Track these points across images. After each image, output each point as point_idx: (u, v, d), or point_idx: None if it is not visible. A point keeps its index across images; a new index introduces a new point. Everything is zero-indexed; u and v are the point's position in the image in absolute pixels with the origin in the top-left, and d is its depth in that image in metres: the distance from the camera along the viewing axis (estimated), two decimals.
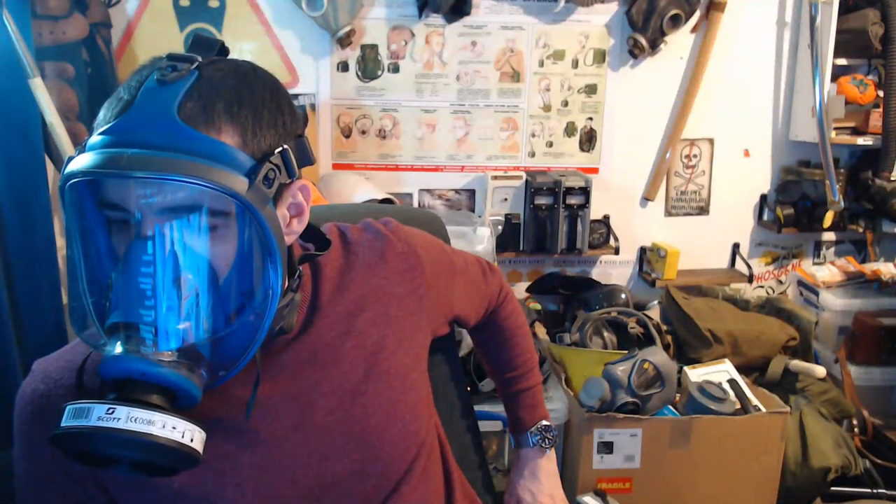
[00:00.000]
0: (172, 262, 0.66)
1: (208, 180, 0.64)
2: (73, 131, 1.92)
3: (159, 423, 0.62)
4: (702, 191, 2.56)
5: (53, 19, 1.87)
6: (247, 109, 0.70)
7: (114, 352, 0.64)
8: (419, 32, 2.31)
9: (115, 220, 0.69)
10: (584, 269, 2.56)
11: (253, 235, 0.69)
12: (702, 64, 2.39)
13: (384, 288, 0.90)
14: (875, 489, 2.04)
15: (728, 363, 2.08)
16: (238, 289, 0.71)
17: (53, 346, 0.82)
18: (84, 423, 0.61)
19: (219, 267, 0.69)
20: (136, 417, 0.61)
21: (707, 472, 1.88)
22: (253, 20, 2.23)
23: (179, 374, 0.65)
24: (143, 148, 0.63)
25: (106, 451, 0.63)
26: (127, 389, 0.63)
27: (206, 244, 0.68)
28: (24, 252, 1.70)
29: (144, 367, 0.63)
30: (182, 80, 0.67)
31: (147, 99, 0.66)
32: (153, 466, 0.66)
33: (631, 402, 1.80)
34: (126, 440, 0.61)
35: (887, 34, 2.25)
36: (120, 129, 0.66)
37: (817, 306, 2.45)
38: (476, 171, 2.44)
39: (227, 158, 0.66)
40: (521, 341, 1.18)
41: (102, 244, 0.70)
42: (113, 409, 0.61)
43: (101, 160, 0.64)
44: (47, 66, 1.86)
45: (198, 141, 0.65)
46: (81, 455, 0.65)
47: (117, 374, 0.64)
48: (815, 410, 2.09)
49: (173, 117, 0.65)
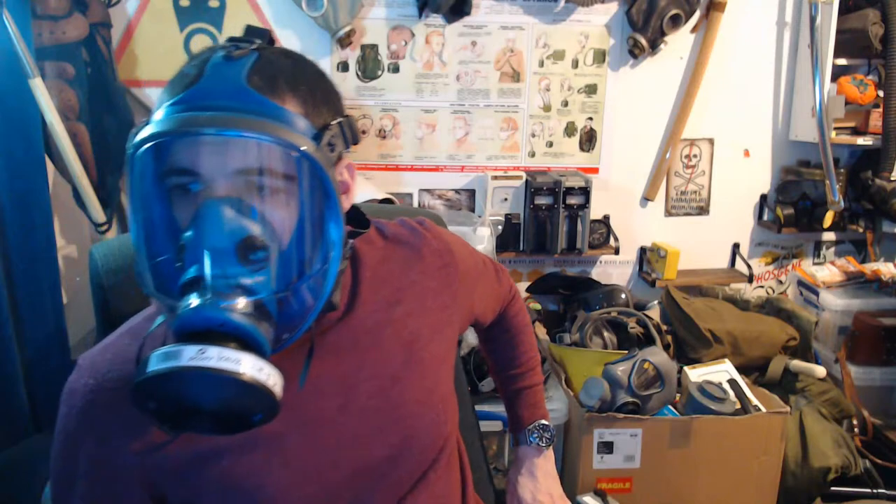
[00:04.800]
0: (245, 219, 0.68)
1: (282, 139, 0.67)
2: (73, 131, 1.92)
3: (247, 363, 0.63)
4: (702, 191, 2.56)
5: (53, 19, 1.87)
6: (304, 85, 0.74)
7: (190, 306, 0.65)
8: (419, 32, 2.31)
9: (184, 182, 0.71)
10: (584, 269, 2.56)
11: (319, 196, 0.72)
12: (702, 64, 2.39)
13: (421, 281, 0.93)
14: (875, 489, 2.04)
15: (728, 363, 2.08)
16: (305, 247, 0.73)
17: (53, 346, 0.83)
18: (176, 364, 0.61)
19: (288, 226, 0.72)
20: (226, 357, 0.62)
21: (707, 472, 1.88)
22: (253, 20, 2.23)
23: (255, 326, 0.66)
24: (217, 111, 0.67)
25: (197, 392, 0.64)
26: (207, 339, 0.64)
27: (276, 203, 0.71)
28: (24, 252, 1.70)
29: (224, 318, 0.64)
30: (245, 57, 0.71)
31: (216, 71, 0.70)
32: (233, 416, 0.66)
33: (631, 402, 1.80)
34: (219, 379, 0.62)
35: (887, 34, 2.25)
36: (192, 97, 0.69)
37: (817, 306, 2.46)
38: (476, 171, 2.44)
39: (295, 123, 0.70)
40: (526, 340, 1.20)
41: (171, 209, 0.72)
42: (204, 349, 0.62)
43: (179, 121, 0.67)
44: (47, 66, 1.86)
45: (268, 106, 0.69)
46: (164, 405, 0.65)
47: (197, 325, 0.65)
48: (815, 410, 2.09)
49: (243, 85, 0.69)
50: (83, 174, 1.90)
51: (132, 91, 2.20)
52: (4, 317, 1.62)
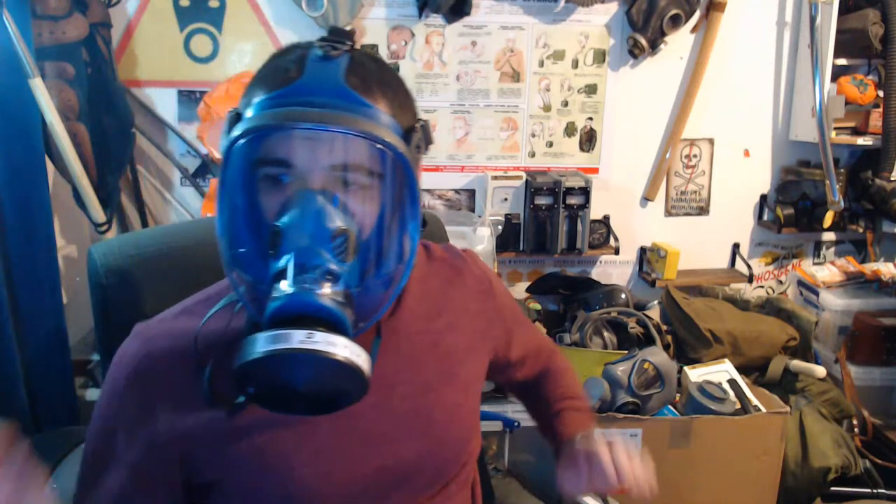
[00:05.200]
0: (338, 212, 0.72)
1: (382, 138, 0.71)
2: (73, 131, 1.92)
3: (349, 348, 0.67)
4: (702, 191, 2.56)
5: (53, 19, 1.87)
6: (391, 88, 0.77)
7: (286, 291, 0.68)
8: (419, 32, 2.31)
9: (279, 172, 0.73)
10: (584, 269, 2.56)
11: (406, 195, 0.76)
12: (702, 64, 2.39)
13: (460, 301, 0.96)
14: (875, 489, 2.04)
15: (728, 363, 2.08)
16: (389, 242, 0.77)
17: (53, 346, 0.83)
18: (286, 346, 0.64)
19: (375, 220, 0.76)
20: (331, 341, 0.66)
21: (707, 472, 1.88)
22: (253, 20, 2.23)
23: (344, 314, 0.69)
24: (322, 108, 0.70)
25: (301, 373, 0.67)
26: (303, 323, 0.66)
27: (366, 198, 0.75)
28: (24, 252, 1.70)
29: (320, 303, 0.68)
30: (341, 57, 0.73)
31: (316, 69, 0.72)
32: (327, 396, 0.70)
33: (631, 402, 1.80)
34: (328, 362, 0.66)
35: (887, 34, 2.25)
36: (296, 91, 0.71)
37: (817, 306, 2.45)
38: (476, 171, 2.44)
39: (389, 123, 0.74)
40: (575, 383, 1.18)
41: (261, 198, 0.75)
42: (312, 333, 0.65)
43: (287, 115, 0.69)
44: (47, 66, 1.86)
45: (366, 107, 0.72)
46: (264, 385, 0.68)
47: (295, 310, 0.67)
48: (815, 410, 2.09)
49: (342, 84, 0.72)
50: (83, 174, 1.90)
51: (132, 91, 2.20)
52: (4, 317, 1.62)
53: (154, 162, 2.29)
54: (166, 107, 2.25)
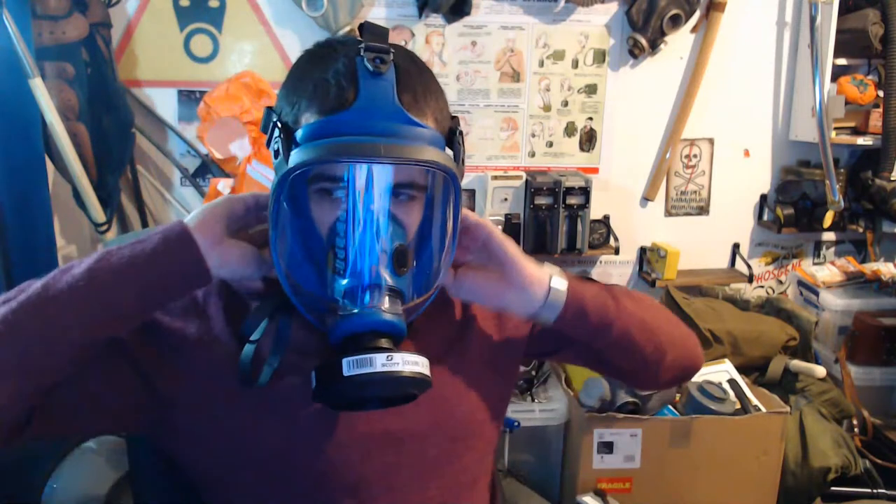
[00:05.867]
0: (395, 229, 0.78)
1: (438, 163, 0.74)
2: (73, 131, 1.92)
3: (420, 363, 0.74)
4: (702, 191, 2.56)
5: (53, 19, 1.87)
6: (433, 96, 0.80)
7: (352, 310, 0.74)
8: (419, 32, 2.31)
9: (341, 195, 0.77)
10: (584, 269, 2.56)
11: (452, 207, 0.81)
12: (702, 64, 2.39)
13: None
14: (875, 489, 2.04)
15: (728, 363, 2.08)
16: (436, 252, 0.83)
17: None
18: (372, 370, 0.71)
19: (426, 233, 0.83)
20: (407, 360, 0.73)
21: (707, 472, 1.88)
22: (253, 20, 2.23)
23: (403, 324, 0.76)
24: (386, 136, 0.73)
25: (382, 390, 0.74)
26: (373, 338, 0.74)
27: (419, 212, 0.81)
28: (24, 252, 1.70)
29: (385, 320, 0.74)
30: (389, 71, 0.75)
31: (370, 89, 0.74)
32: (398, 399, 0.77)
33: (631, 402, 1.80)
34: (407, 380, 0.73)
35: (887, 34, 2.25)
36: (355, 118, 0.73)
37: (817, 306, 2.45)
38: (476, 171, 2.44)
39: (441, 144, 0.78)
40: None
41: (318, 213, 0.79)
42: (391, 356, 0.72)
43: (355, 149, 0.72)
44: (47, 66, 1.86)
45: (420, 127, 0.75)
46: (345, 399, 0.75)
47: (365, 328, 0.74)
48: (815, 410, 2.09)
49: (396, 106, 0.74)
50: (83, 174, 1.90)
51: (132, 91, 2.19)
52: None
53: (154, 162, 2.29)
54: (166, 107, 2.25)
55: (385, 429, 0.86)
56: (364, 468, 0.84)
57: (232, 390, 0.82)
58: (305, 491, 0.84)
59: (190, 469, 0.88)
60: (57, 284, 0.71)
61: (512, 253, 0.85)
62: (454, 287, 0.87)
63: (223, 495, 0.87)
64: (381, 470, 0.85)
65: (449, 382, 0.90)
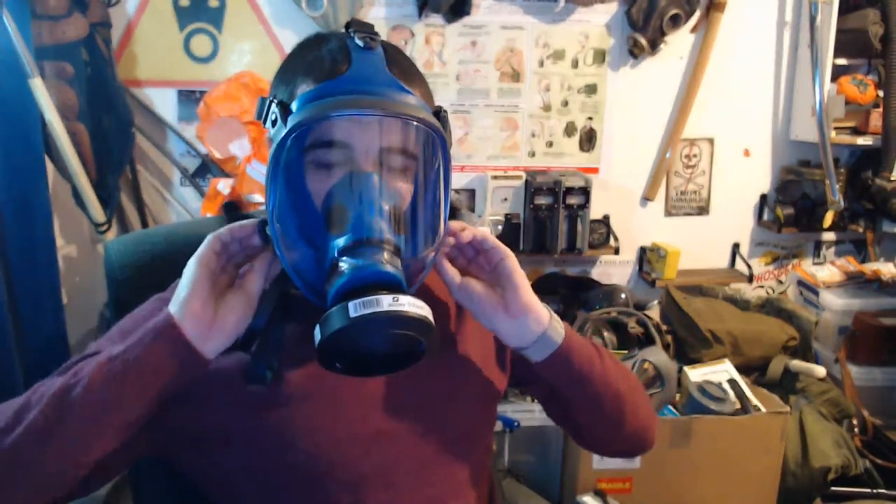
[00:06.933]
0: (390, 189, 0.79)
1: (432, 123, 0.78)
2: (73, 131, 1.92)
3: (424, 308, 0.72)
4: (702, 191, 2.56)
5: (53, 19, 1.87)
6: (419, 77, 0.84)
7: (354, 265, 0.74)
8: (419, 32, 2.31)
9: (336, 155, 0.78)
10: (584, 269, 2.56)
11: (443, 173, 0.83)
12: (702, 64, 2.39)
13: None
14: (875, 489, 2.04)
15: (728, 363, 2.08)
16: (430, 215, 0.84)
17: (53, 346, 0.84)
18: (379, 309, 0.69)
19: (420, 195, 0.83)
20: (413, 303, 0.72)
21: (707, 472, 1.88)
22: (253, 20, 2.23)
23: (404, 281, 0.75)
24: (379, 97, 0.75)
25: (391, 335, 0.73)
26: (376, 289, 0.72)
27: (412, 175, 0.82)
28: (24, 252, 1.70)
29: (387, 271, 0.73)
30: (379, 48, 0.79)
31: (362, 59, 0.77)
32: (404, 352, 0.75)
33: None
34: (413, 321, 0.71)
35: (887, 34, 2.25)
36: (350, 81, 0.76)
37: (817, 306, 2.45)
38: (476, 170, 2.44)
39: (428, 109, 0.80)
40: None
41: (313, 180, 0.79)
42: (398, 297, 0.71)
43: (356, 102, 0.74)
44: (47, 66, 1.86)
45: (409, 95, 0.78)
46: (352, 349, 0.73)
47: (367, 280, 0.73)
48: (815, 410, 2.09)
49: (390, 76, 0.77)
50: (83, 174, 1.90)
51: (132, 91, 2.19)
52: (4, 317, 1.62)
53: (154, 162, 2.29)
54: (166, 107, 2.25)
55: (383, 426, 0.86)
56: (362, 466, 0.85)
57: (231, 391, 0.82)
58: (304, 489, 0.84)
59: (188, 469, 0.88)
60: (66, 405, 0.71)
61: (518, 280, 0.89)
62: (457, 289, 0.87)
63: (222, 495, 0.87)
64: (380, 468, 0.86)
65: (446, 378, 0.90)
